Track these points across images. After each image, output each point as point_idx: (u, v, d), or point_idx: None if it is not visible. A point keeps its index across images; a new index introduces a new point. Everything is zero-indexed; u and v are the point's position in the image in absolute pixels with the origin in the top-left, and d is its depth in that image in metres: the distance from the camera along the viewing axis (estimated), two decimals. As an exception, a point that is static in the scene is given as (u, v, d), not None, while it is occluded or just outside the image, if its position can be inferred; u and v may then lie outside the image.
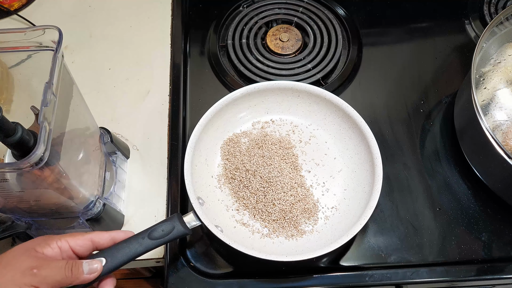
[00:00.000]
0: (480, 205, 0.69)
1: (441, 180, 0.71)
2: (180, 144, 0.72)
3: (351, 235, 0.58)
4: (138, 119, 0.76)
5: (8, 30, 0.50)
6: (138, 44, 0.83)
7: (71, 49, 0.82)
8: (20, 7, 0.85)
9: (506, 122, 0.65)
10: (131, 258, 0.52)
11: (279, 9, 0.86)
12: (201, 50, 0.83)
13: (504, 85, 0.68)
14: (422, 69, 0.81)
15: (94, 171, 0.61)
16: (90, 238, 0.51)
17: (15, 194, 0.51)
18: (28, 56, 0.52)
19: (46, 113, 0.44)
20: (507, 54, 0.69)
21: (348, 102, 0.69)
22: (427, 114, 0.76)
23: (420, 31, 0.85)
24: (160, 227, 0.55)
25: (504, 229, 0.67)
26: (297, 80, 0.77)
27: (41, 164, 0.44)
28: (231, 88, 0.77)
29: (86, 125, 0.60)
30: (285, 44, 0.81)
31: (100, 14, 0.86)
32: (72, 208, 0.57)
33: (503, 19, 0.68)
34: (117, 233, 0.53)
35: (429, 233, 0.66)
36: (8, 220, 0.59)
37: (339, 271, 0.64)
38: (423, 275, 0.63)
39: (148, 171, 0.71)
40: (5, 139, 0.45)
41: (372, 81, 0.79)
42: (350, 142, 0.68)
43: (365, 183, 0.64)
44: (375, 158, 0.63)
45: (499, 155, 0.59)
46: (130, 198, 0.69)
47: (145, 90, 0.78)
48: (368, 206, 0.60)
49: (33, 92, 0.53)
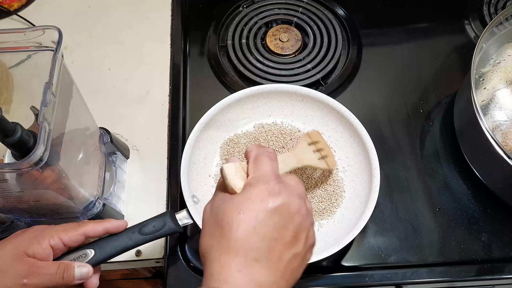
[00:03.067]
0: (480, 205, 0.69)
1: (441, 180, 0.71)
2: (180, 144, 0.72)
3: (342, 244, 0.57)
4: (138, 119, 0.76)
5: (7, 30, 0.50)
6: (138, 44, 0.83)
7: (71, 49, 0.82)
8: (20, 7, 0.85)
9: (505, 123, 0.65)
10: (120, 251, 0.53)
11: (279, 9, 0.86)
12: (201, 50, 0.83)
13: (504, 86, 0.68)
14: (422, 69, 0.81)
15: (94, 171, 0.61)
16: (84, 232, 0.50)
17: (14, 195, 0.51)
18: (28, 56, 0.52)
19: (46, 113, 0.44)
20: (507, 54, 0.69)
21: (347, 102, 0.69)
22: (427, 115, 0.76)
23: (420, 31, 0.85)
24: (151, 223, 0.55)
25: (504, 229, 0.67)
26: (297, 80, 0.77)
27: (40, 164, 0.44)
28: (231, 88, 0.77)
29: (86, 125, 0.60)
30: (285, 44, 0.81)
31: (100, 14, 0.86)
32: (71, 208, 0.57)
33: (502, 20, 0.68)
34: (111, 223, 0.53)
35: (429, 233, 0.66)
36: (8, 220, 0.59)
37: (338, 271, 0.64)
38: (423, 275, 0.63)
39: (148, 171, 0.71)
40: (5, 139, 0.45)
41: (372, 82, 0.79)
42: (350, 150, 0.68)
43: (362, 193, 0.63)
44: (374, 169, 0.63)
45: (498, 155, 0.59)
46: (130, 198, 0.69)
47: (145, 90, 0.78)
48: (362, 217, 0.59)
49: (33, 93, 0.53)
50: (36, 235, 0.48)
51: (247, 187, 0.40)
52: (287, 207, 0.39)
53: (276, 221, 0.38)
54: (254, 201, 0.39)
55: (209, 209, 0.42)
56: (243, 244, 0.37)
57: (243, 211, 0.38)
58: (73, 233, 0.50)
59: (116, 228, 0.53)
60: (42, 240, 0.48)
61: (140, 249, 0.65)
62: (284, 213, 0.39)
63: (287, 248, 0.39)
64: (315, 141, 0.61)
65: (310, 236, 0.42)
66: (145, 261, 0.66)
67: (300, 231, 0.40)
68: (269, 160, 0.42)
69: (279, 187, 0.40)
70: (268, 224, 0.38)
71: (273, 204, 0.39)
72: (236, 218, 0.38)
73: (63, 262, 0.48)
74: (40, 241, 0.47)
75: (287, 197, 0.40)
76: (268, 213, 0.38)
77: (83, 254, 0.52)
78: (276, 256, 0.38)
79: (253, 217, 0.38)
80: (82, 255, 0.51)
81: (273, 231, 0.38)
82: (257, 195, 0.39)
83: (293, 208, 0.40)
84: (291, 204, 0.40)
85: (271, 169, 0.42)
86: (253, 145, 0.44)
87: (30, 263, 0.46)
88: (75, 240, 0.50)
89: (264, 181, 0.40)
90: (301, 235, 0.40)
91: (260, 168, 0.42)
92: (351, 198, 0.65)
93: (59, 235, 0.49)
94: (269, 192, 0.39)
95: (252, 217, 0.38)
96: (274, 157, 0.44)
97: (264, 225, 0.38)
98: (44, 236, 0.48)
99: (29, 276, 0.44)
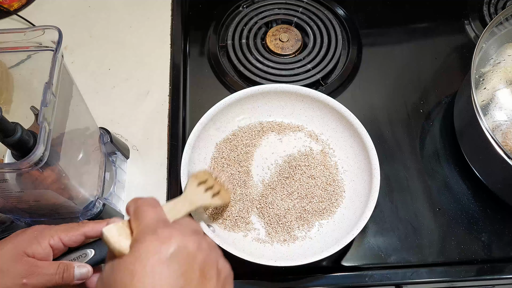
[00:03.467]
0: (480, 205, 0.69)
1: (441, 180, 0.71)
2: (180, 144, 0.72)
3: (342, 244, 0.57)
4: (138, 119, 0.76)
5: (7, 30, 0.50)
6: (138, 44, 0.83)
7: (71, 49, 0.82)
8: (20, 7, 0.85)
9: (505, 123, 0.65)
10: None
11: (279, 9, 0.86)
12: (201, 50, 0.83)
13: (504, 86, 0.68)
14: (422, 69, 0.81)
15: (94, 171, 0.61)
16: (84, 232, 0.50)
17: (14, 195, 0.51)
18: (28, 56, 0.52)
19: (46, 113, 0.44)
20: (507, 54, 0.69)
21: (347, 102, 0.69)
22: (427, 114, 0.76)
23: (420, 31, 0.85)
24: None
25: (504, 229, 0.67)
26: (297, 80, 0.77)
27: (40, 164, 0.44)
28: (231, 88, 0.77)
29: (86, 125, 0.60)
30: (284, 44, 0.81)
31: (100, 14, 0.86)
32: (71, 208, 0.57)
33: (502, 20, 0.68)
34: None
35: (429, 233, 0.66)
36: (8, 220, 0.59)
37: (338, 272, 0.64)
38: (423, 275, 0.63)
39: (148, 171, 0.71)
40: (5, 139, 0.45)
41: (372, 81, 0.79)
42: (350, 150, 0.68)
43: (362, 193, 0.63)
44: (374, 169, 0.63)
45: (498, 156, 0.59)
46: (130, 198, 0.68)
47: (144, 90, 0.78)
48: (362, 217, 0.59)
49: (33, 92, 0.53)
50: (35, 235, 0.48)
51: (134, 244, 0.36)
52: (184, 249, 0.36)
53: (176, 268, 0.35)
54: (144, 258, 0.35)
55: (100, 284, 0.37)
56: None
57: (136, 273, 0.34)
58: (73, 233, 0.49)
59: None
60: (41, 240, 0.47)
61: (140, 249, 0.65)
62: (183, 257, 0.36)
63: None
64: (203, 180, 0.58)
65: (221, 269, 0.39)
66: (145, 261, 0.66)
67: (207, 269, 0.37)
68: (151, 208, 0.40)
69: (169, 232, 0.37)
70: (169, 276, 0.34)
71: (167, 252, 0.35)
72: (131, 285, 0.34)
73: (62, 262, 0.48)
74: (40, 241, 0.47)
75: (180, 239, 0.36)
76: (165, 264, 0.35)
77: (83, 254, 0.51)
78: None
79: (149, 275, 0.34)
80: (82, 255, 0.51)
81: (177, 279, 0.35)
82: (146, 250, 0.35)
83: (192, 247, 0.37)
84: (187, 244, 0.37)
85: (155, 216, 0.39)
86: (131, 200, 0.41)
87: (30, 262, 0.46)
88: (75, 240, 0.50)
89: (150, 231, 0.37)
90: (210, 272, 0.37)
91: (143, 219, 0.38)
92: (351, 198, 0.65)
93: (59, 235, 0.48)
94: (159, 241, 0.36)
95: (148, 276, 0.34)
96: (156, 204, 0.41)
97: (165, 278, 0.34)
98: (43, 236, 0.48)
99: (29, 275, 0.44)
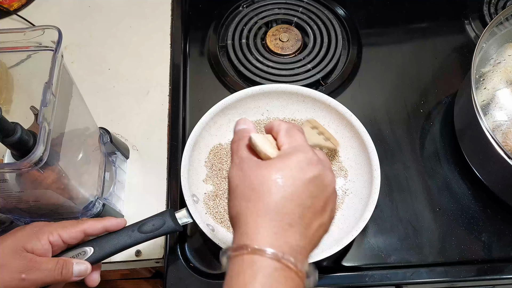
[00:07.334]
0: (480, 205, 0.69)
1: (441, 180, 0.70)
2: (180, 144, 0.72)
3: (342, 245, 0.57)
4: (138, 119, 0.76)
5: (7, 30, 0.50)
6: (138, 44, 0.83)
7: (71, 49, 0.82)
8: (20, 7, 0.85)
9: (506, 123, 0.65)
10: (119, 249, 0.53)
11: (279, 9, 0.86)
12: (201, 50, 0.83)
13: (504, 85, 0.68)
14: (422, 69, 0.81)
15: (94, 171, 0.61)
16: (83, 230, 0.50)
17: (14, 195, 0.51)
18: (28, 56, 0.52)
19: (46, 113, 0.44)
20: (507, 54, 0.69)
21: (347, 102, 0.69)
22: (427, 114, 0.76)
23: (420, 31, 0.85)
24: (151, 221, 0.55)
25: (504, 229, 0.67)
26: (297, 80, 0.77)
27: (40, 164, 0.44)
28: (231, 88, 0.77)
29: (86, 125, 0.60)
30: (285, 44, 0.81)
31: (100, 14, 0.86)
32: (71, 208, 0.57)
33: (503, 19, 0.68)
34: (110, 221, 0.53)
35: (429, 233, 0.66)
36: (8, 220, 0.59)
37: (339, 272, 0.64)
38: (423, 275, 0.63)
39: (148, 171, 0.71)
40: (5, 139, 0.45)
41: (372, 81, 0.79)
42: (351, 151, 0.68)
43: (362, 193, 0.63)
44: (374, 170, 0.63)
45: (499, 156, 0.59)
46: (130, 199, 0.69)
47: (144, 90, 0.78)
48: (362, 217, 0.59)
49: (33, 92, 0.53)
50: (35, 231, 0.48)
51: (285, 155, 0.41)
52: (322, 178, 0.41)
53: (311, 190, 0.40)
54: (293, 169, 0.40)
55: (239, 173, 0.41)
56: (280, 208, 0.38)
57: (282, 177, 0.39)
58: (72, 230, 0.50)
59: (115, 226, 0.53)
60: (41, 236, 0.48)
61: (140, 249, 0.65)
62: (318, 184, 0.40)
63: (316, 217, 0.40)
64: (315, 126, 0.61)
65: (333, 210, 0.43)
66: (145, 261, 0.66)
67: (328, 203, 0.42)
68: (301, 133, 0.44)
69: (317, 158, 0.41)
70: (304, 192, 0.39)
71: (311, 174, 0.40)
72: (275, 184, 0.39)
73: (61, 259, 0.48)
74: (39, 237, 0.47)
75: (322, 169, 0.41)
76: (305, 182, 0.39)
77: (82, 252, 0.52)
78: (307, 223, 0.39)
79: (291, 184, 0.39)
80: (81, 253, 0.52)
81: (308, 199, 0.39)
82: (296, 164, 0.40)
83: (327, 180, 0.41)
84: (325, 176, 0.41)
85: (304, 141, 0.43)
86: (277, 120, 0.45)
87: (29, 258, 0.46)
88: (74, 237, 0.50)
89: (303, 150, 0.41)
90: (328, 207, 0.42)
91: (296, 139, 0.42)
92: (352, 198, 0.65)
93: (59, 231, 0.49)
94: (308, 162, 0.40)
95: (291, 184, 0.39)
96: (303, 132, 0.45)
97: (301, 193, 0.39)
98: (43, 232, 0.48)
99: (27, 271, 0.45)
